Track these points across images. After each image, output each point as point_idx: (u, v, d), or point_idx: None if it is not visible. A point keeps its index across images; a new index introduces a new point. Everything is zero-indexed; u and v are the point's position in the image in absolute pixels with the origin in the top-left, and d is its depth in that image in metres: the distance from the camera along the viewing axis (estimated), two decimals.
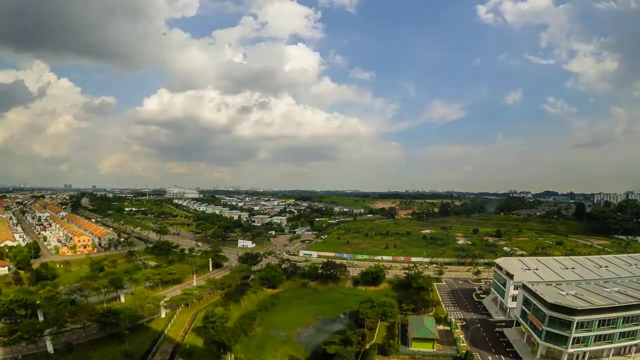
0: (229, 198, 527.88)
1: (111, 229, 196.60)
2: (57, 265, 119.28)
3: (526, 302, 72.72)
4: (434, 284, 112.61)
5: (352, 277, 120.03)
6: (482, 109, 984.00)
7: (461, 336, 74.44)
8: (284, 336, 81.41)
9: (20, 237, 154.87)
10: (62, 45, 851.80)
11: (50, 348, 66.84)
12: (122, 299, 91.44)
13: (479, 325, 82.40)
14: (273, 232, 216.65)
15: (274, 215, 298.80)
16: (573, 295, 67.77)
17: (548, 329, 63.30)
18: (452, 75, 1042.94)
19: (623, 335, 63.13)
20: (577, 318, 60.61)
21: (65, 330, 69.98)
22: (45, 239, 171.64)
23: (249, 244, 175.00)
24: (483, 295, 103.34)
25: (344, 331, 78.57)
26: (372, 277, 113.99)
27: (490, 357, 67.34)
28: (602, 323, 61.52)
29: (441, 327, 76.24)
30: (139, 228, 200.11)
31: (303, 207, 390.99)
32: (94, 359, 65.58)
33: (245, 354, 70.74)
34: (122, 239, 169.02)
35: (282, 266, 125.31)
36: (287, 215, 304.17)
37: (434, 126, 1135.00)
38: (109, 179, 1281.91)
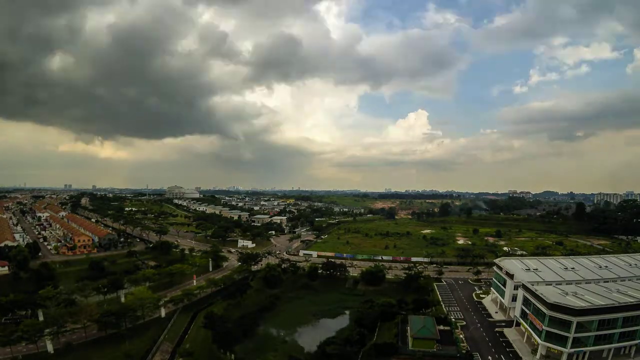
0: (229, 198, 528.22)
1: (111, 229, 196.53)
2: (57, 265, 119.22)
3: (526, 302, 72.69)
4: (434, 284, 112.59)
5: (352, 277, 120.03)
6: None
7: (461, 336, 74.43)
8: (284, 336, 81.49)
9: (20, 237, 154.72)
10: None
11: (50, 348, 66.85)
12: (122, 299, 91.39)
13: (479, 325, 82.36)
14: (273, 232, 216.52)
15: (274, 215, 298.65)
16: (573, 295, 67.78)
17: (548, 329, 63.26)
18: None
19: (623, 335, 63.12)
20: (577, 318, 60.60)
21: (65, 330, 69.94)
22: (45, 239, 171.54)
23: (249, 244, 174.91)
24: (483, 296, 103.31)
25: (344, 331, 78.72)
26: (372, 277, 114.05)
27: (490, 357, 67.34)
28: (602, 323, 61.50)
29: (441, 327, 76.13)
30: (139, 228, 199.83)
31: (303, 207, 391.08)
32: (94, 359, 65.57)
33: (246, 353, 70.76)
34: (122, 239, 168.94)
35: (282, 266, 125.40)
36: (287, 215, 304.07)
37: None
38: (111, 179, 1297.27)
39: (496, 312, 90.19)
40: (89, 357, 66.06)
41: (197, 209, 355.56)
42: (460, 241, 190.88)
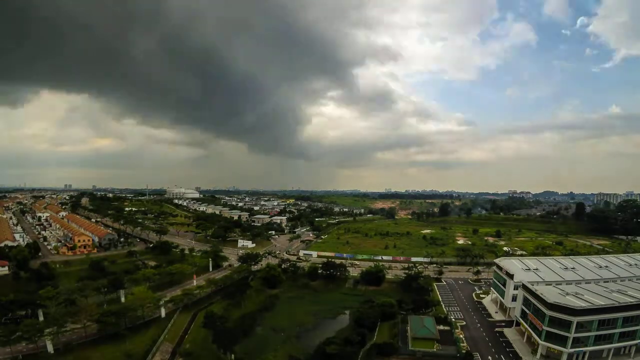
0: (228, 198, 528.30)
1: (111, 229, 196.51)
2: (57, 265, 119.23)
3: (526, 302, 72.72)
4: (434, 284, 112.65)
5: (352, 277, 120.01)
6: None
7: (461, 336, 74.45)
8: (284, 336, 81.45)
9: (20, 237, 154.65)
10: None
11: (50, 348, 66.82)
12: (123, 299, 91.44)
13: (479, 325, 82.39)
14: (273, 232, 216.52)
15: (274, 215, 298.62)
16: (573, 295, 67.80)
17: (548, 329, 63.30)
18: None
19: (623, 335, 63.16)
20: (577, 318, 60.63)
21: (65, 330, 69.89)
22: (45, 239, 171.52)
23: (249, 244, 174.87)
24: (483, 295, 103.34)
25: (344, 331, 78.68)
26: (372, 277, 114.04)
27: (490, 357, 67.35)
28: (602, 323, 61.54)
29: (441, 327, 76.22)
30: (139, 228, 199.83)
31: (303, 207, 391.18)
32: (94, 359, 65.57)
33: (246, 353, 70.76)
34: (122, 239, 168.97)
35: (282, 266, 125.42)
36: (287, 215, 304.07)
37: None
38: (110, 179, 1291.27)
39: (496, 312, 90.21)
40: (89, 357, 66.05)
41: (197, 209, 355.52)
42: (460, 241, 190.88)
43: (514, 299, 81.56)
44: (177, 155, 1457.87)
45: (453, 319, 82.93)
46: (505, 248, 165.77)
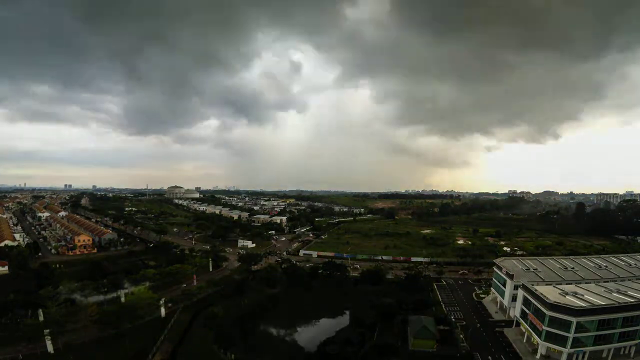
0: (228, 198, 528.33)
1: (111, 229, 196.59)
2: (57, 265, 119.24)
3: (526, 302, 72.70)
4: (434, 284, 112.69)
5: (352, 277, 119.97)
6: None
7: (461, 336, 74.40)
8: (284, 336, 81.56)
9: (20, 237, 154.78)
10: None
11: (50, 348, 66.81)
12: (122, 299, 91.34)
13: (479, 325, 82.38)
14: (273, 232, 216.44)
15: (274, 215, 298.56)
16: (573, 295, 67.76)
17: (548, 329, 63.29)
18: None
19: (623, 335, 63.11)
20: (577, 318, 60.61)
21: (65, 330, 69.88)
22: (45, 239, 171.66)
23: (249, 244, 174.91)
24: (483, 296, 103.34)
25: (344, 331, 78.73)
26: (372, 277, 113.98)
27: (490, 357, 67.34)
28: (602, 324, 61.49)
29: (441, 327, 76.16)
30: (139, 228, 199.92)
31: (303, 207, 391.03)
32: (94, 359, 65.56)
33: (246, 353, 70.75)
34: (122, 239, 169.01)
35: (282, 266, 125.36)
36: (287, 215, 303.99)
37: None
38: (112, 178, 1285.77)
39: (496, 312, 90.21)
40: (89, 357, 66.02)
41: (197, 209, 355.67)
42: (460, 241, 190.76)
43: (514, 299, 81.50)
44: None
45: (453, 319, 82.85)
46: (505, 248, 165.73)
